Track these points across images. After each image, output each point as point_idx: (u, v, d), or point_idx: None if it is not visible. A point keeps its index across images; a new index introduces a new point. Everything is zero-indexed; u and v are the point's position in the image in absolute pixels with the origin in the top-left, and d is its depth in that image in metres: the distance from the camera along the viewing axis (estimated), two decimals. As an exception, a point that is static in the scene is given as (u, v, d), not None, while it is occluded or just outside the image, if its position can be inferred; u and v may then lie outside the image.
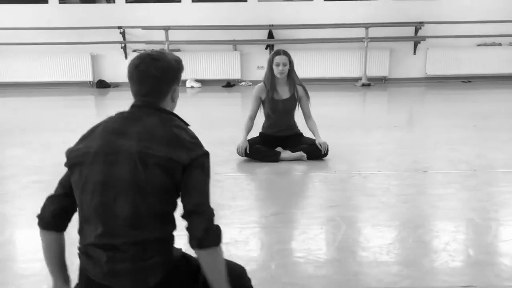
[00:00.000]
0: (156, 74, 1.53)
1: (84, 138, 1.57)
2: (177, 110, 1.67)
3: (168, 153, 1.46)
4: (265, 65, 4.13)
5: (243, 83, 9.59)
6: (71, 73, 9.40)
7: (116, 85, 9.48)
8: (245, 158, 4.09)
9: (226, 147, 4.46)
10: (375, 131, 5.39)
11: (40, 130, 5.72)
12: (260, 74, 9.69)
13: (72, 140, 1.66)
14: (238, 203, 3.24)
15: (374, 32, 9.04)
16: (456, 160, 4.20)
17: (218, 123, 5.94)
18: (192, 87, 9.37)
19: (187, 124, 1.61)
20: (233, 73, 9.51)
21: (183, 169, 1.47)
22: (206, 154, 1.53)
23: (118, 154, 1.48)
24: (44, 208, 1.58)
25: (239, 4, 9.39)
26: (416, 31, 9.41)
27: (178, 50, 9.41)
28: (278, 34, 9.43)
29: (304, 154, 3.90)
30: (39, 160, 4.32)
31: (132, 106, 1.59)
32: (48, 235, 1.57)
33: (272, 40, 9.41)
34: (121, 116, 1.57)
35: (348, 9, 9.29)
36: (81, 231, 1.53)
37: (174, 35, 9.11)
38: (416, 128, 5.92)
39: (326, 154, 3.99)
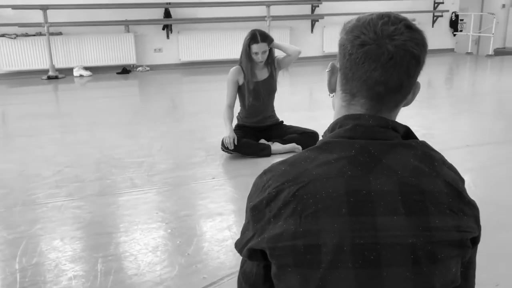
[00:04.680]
0: (417, 54, 0.85)
1: (282, 209, 0.85)
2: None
3: (457, 225, 0.84)
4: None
5: (140, 68, 8.63)
6: None
7: (-18, 78, 7.79)
8: (227, 154, 3.48)
9: (158, 142, 3.77)
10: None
11: None
12: (159, 58, 8.91)
13: None
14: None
15: (274, 10, 8.81)
16: (464, 133, 4.11)
17: (120, 117, 5.07)
18: (81, 76, 8.13)
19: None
20: (128, 58, 8.50)
21: (472, 243, 0.89)
22: None
23: (378, 248, 0.81)
24: None
25: (128, -21, 8.35)
26: (313, 10, 9.43)
27: (60, 34, 8.07)
28: (176, 13, 8.64)
29: (298, 146, 3.42)
30: None
31: (356, 128, 0.88)
32: None
33: (169, 19, 8.59)
34: (348, 157, 0.85)
35: (248, -14, 8.90)
36: None
37: (54, 16, 7.73)
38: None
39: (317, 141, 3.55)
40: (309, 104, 6.04)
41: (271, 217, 0.85)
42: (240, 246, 0.93)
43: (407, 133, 0.91)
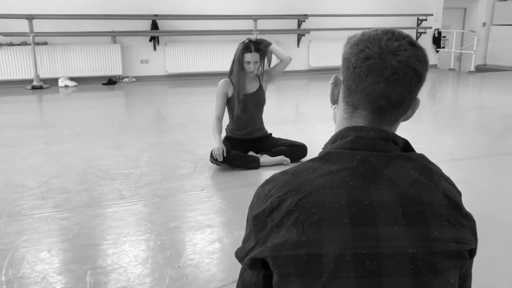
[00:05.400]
0: (419, 71, 0.88)
1: (284, 219, 0.85)
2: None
3: (455, 237, 0.86)
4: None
5: (126, 79, 8.60)
6: None
7: (-36, 87, 7.66)
8: (216, 166, 3.48)
9: (148, 151, 3.75)
10: (322, 123, 5.16)
11: None
12: (146, 69, 8.89)
13: None
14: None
15: (261, 24, 8.90)
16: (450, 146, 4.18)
17: (106, 128, 5.01)
18: (66, 86, 8.06)
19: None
20: (114, 69, 8.47)
21: (469, 255, 0.91)
22: None
23: (380, 258, 0.82)
24: None
25: (116, -10, 8.36)
26: (299, 24, 9.54)
27: (45, 44, 8.01)
28: (163, 25, 8.66)
29: (287, 159, 3.44)
30: None
31: (358, 139, 0.89)
32: None
33: (156, 31, 8.60)
34: (350, 168, 0.87)
35: (236, 0, 8.98)
36: None
37: (40, 26, 7.68)
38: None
39: (306, 153, 3.57)
40: (296, 117, 6.07)
41: (274, 226, 0.86)
42: (241, 255, 0.93)
43: (406, 146, 0.93)
